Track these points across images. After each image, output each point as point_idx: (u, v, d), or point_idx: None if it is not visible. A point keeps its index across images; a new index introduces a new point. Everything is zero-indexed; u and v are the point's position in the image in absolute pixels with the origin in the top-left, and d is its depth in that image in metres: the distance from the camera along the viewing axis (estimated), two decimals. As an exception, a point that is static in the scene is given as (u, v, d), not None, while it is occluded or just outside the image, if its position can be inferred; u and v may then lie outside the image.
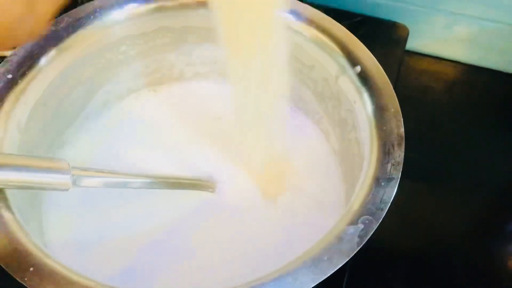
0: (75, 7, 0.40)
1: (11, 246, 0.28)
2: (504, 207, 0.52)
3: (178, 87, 0.47)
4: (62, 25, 0.38)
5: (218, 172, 0.41)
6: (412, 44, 0.63)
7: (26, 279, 0.26)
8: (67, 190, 0.31)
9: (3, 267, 0.27)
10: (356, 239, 0.28)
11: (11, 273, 0.27)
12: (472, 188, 0.53)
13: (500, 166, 0.54)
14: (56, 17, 0.38)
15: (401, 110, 0.35)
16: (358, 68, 0.37)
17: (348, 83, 0.37)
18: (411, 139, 0.34)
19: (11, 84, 0.35)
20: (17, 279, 0.26)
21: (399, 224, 0.48)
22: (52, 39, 0.38)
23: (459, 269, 0.47)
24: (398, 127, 0.33)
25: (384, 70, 0.38)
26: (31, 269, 0.27)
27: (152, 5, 0.41)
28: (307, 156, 0.43)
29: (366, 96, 0.36)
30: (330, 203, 0.40)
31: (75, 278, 0.27)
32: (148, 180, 0.37)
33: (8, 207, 0.30)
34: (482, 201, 0.52)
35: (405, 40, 0.62)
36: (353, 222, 0.29)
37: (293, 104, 0.45)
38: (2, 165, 0.28)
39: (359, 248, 0.28)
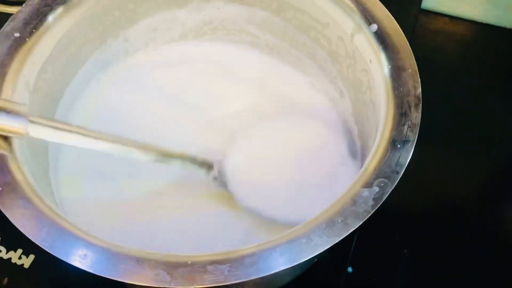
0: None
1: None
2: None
3: (187, 46, 0.46)
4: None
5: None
6: (427, 2, 0.62)
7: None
8: (22, 136, 0.29)
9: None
10: (371, 202, 0.28)
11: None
12: (484, 151, 0.52)
13: (513, 127, 0.54)
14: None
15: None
16: (375, 27, 0.35)
17: (364, 42, 0.36)
18: (424, 100, 0.33)
19: (18, 43, 0.34)
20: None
21: (410, 186, 0.47)
22: (57, -5, 0.37)
23: (468, 232, 0.47)
24: (415, 88, 0.33)
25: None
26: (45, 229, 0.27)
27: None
28: (322, 114, 0.43)
29: (382, 55, 0.34)
30: (344, 160, 0.39)
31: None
32: (128, 148, 0.34)
33: (23, 173, 0.30)
34: (493, 164, 0.52)
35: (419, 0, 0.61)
36: (368, 185, 0.29)
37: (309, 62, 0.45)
38: None
39: (374, 211, 0.28)
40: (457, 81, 0.58)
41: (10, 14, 0.49)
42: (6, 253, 0.42)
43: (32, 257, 0.42)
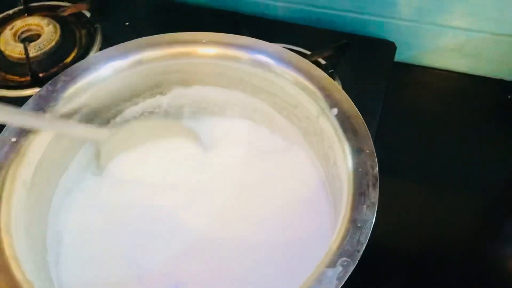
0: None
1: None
2: (497, 210, 0.54)
3: None
4: (58, 85, 0.41)
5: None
6: (402, 56, 0.65)
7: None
8: None
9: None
10: (335, 282, 0.31)
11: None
12: (466, 192, 0.54)
13: (493, 170, 0.56)
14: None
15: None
16: (335, 111, 0.39)
17: (327, 123, 0.40)
18: (407, 145, 0.34)
19: (15, 147, 0.38)
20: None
21: (395, 226, 0.49)
22: (50, 100, 0.41)
23: (454, 271, 0.48)
24: (372, 167, 0.36)
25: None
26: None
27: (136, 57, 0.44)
28: (299, 184, 0.46)
29: (343, 137, 0.38)
30: (322, 228, 0.42)
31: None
32: None
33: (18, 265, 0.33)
34: (475, 205, 0.54)
35: (392, 56, 0.64)
36: (332, 264, 0.31)
37: (283, 137, 0.48)
38: None
39: (338, 290, 0.30)
40: (435, 125, 0.60)
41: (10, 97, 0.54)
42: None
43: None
